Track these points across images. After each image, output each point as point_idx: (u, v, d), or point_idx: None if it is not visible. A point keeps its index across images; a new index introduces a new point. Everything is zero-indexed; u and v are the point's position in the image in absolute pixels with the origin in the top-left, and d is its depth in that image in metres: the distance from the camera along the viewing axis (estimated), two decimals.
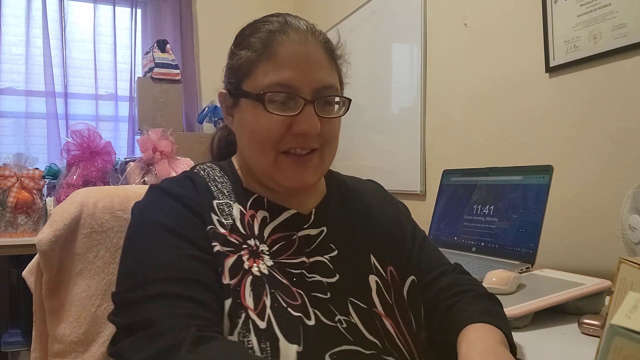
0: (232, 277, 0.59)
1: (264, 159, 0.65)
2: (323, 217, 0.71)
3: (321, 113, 0.65)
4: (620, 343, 0.30)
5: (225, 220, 0.64)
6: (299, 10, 3.09)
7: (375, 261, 0.70)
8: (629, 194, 0.96)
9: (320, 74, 0.65)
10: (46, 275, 0.77)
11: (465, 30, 1.66)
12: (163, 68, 2.61)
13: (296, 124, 0.63)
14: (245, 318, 0.56)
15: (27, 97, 2.69)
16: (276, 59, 0.64)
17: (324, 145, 0.67)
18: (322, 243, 0.68)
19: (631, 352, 0.29)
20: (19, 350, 2.07)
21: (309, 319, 0.60)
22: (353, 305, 0.64)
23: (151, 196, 0.65)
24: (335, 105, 0.68)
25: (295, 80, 0.63)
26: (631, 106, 1.13)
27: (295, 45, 0.64)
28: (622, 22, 1.12)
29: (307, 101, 0.63)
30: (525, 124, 1.42)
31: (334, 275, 0.66)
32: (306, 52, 0.64)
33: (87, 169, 2.11)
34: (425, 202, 1.86)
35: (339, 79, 0.71)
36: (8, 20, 2.66)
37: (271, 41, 0.64)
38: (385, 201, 0.81)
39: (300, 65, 0.63)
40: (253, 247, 0.63)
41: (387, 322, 0.65)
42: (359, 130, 2.35)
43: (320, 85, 0.65)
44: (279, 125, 0.63)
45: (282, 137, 0.64)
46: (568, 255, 1.24)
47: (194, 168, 0.73)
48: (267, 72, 0.64)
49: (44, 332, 0.78)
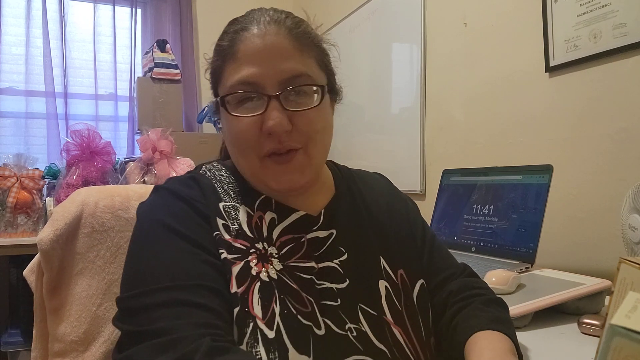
0: (239, 285, 0.56)
1: (250, 165, 0.63)
2: (332, 219, 0.68)
3: (290, 107, 0.60)
4: (620, 343, 0.30)
5: (232, 225, 0.61)
6: (298, 10, 3.09)
7: (386, 264, 0.67)
8: (629, 194, 0.96)
9: (285, 64, 0.59)
10: (47, 274, 0.77)
11: (465, 30, 1.66)
12: (163, 68, 2.61)
13: (264, 123, 0.59)
14: (253, 327, 0.54)
15: (27, 97, 2.69)
16: (237, 58, 0.60)
17: (307, 141, 0.62)
18: (332, 247, 0.65)
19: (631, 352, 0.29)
20: (18, 350, 2.07)
21: (319, 329, 0.57)
22: (363, 312, 0.62)
23: (157, 197, 0.62)
24: (314, 95, 0.62)
25: (257, 76, 0.59)
26: (631, 106, 1.13)
27: (254, 39, 0.60)
28: (622, 21, 1.12)
29: (270, 97, 0.59)
30: (525, 124, 1.42)
31: (344, 281, 0.63)
32: (266, 44, 0.59)
33: (86, 169, 2.11)
34: (425, 201, 1.86)
35: (321, 63, 0.65)
36: (8, 20, 2.66)
37: (234, 41, 0.61)
38: (394, 197, 0.78)
39: (261, 60, 0.59)
40: (261, 251, 0.60)
41: (396, 330, 0.63)
42: (359, 130, 2.35)
43: (286, 76, 0.59)
44: (250, 127, 0.60)
45: (257, 140, 0.60)
46: (568, 255, 1.25)
47: (199, 168, 0.70)
48: (230, 74, 0.61)
49: (45, 332, 0.78)
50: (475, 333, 0.60)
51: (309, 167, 0.63)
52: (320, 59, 0.65)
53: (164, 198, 0.62)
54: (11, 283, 2.30)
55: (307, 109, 0.61)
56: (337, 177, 0.75)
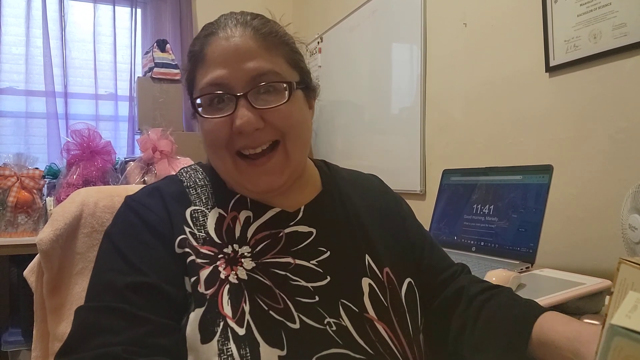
0: (208, 287, 0.58)
1: (224, 165, 0.64)
2: (314, 217, 0.68)
3: (259, 105, 0.61)
4: (621, 343, 0.30)
5: (198, 232, 0.62)
6: (298, 10, 3.09)
7: (372, 262, 0.68)
8: (629, 194, 0.96)
9: (251, 63, 0.61)
10: (47, 274, 0.77)
11: (465, 30, 1.66)
12: (163, 68, 2.61)
13: (233, 123, 0.61)
14: (223, 326, 0.56)
15: (27, 97, 2.69)
16: (205, 62, 0.62)
17: (284, 137, 0.63)
18: (311, 246, 0.66)
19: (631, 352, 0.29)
20: (19, 350, 2.07)
21: (292, 323, 0.59)
22: (344, 307, 0.62)
23: (120, 209, 0.65)
24: (285, 92, 0.63)
25: (224, 77, 0.61)
26: (631, 106, 1.13)
27: (220, 42, 0.62)
28: (622, 21, 1.12)
29: (237, 97, 0.60)
30: (525, 124, 1.42)
31: (325, 278, 0.64)
32: (231, 45, 0.61)
33: (87, 168, 2.12)
34: (425, 201, 1.86)
35: (290, 62, 0.66)
36: (8, 20, 2.66)
37: (202, 45, 0.63)
38: (387, 197, 0.79)
39: (227, 61, 0.61)
40: (230, 254, 0.62)
41: (380, 327, 0.63)
42: (359, 130, 2.35)
43: (252, 75, 0.61)
44: (221, 127, 0.61)
45: (229, 137, 0.62)
46: (568, 254, 1.25)
47: (179, 171, 0.72)
48: (200, 77, 0.63)
49: (45, 331, 0.78)
50: (539, 316, 0.59)
51: (288, 166, 0.64)
52: (290, 57, 0.66)
53: (122, 213, 0.64)
54: (11, 283, 2.30)
55: (277, 106, 0.62)
56: (325, 176, 0.75)
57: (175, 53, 2.78)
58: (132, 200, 0.65)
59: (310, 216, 0.68)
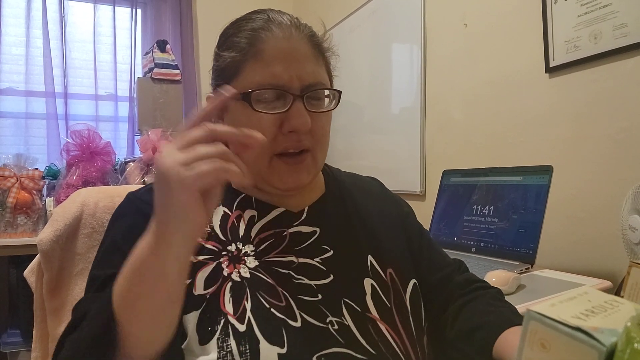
0: (208, 286, 0.58)
1: (258, 163, 0.63)
2: (318, 217, 0.69)
3: (310, 108, 0.63)
4: (535, 327, 0.34)
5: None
6: (298, 10, 3.09)
7: (375, 263, 0.68)
8: (629, 194, 0.96)
9: (308, 68, 0.63)
10: (47, 275, 0.77)
11: (465, 30, 1.66)
12: (163, 68, 2.61)
13: (287, 121, 0.61)
14: (224, 323, 0.56)
15: (27, 98, 2.68)
16: (261, 57, 0.62)
17: (315, 145, 0.65)
18: (315, 244, 0.66)
19: (544, 335, 0.34)
20: (18, 351, 2.07)
21: (294, 321, 0.59)
22: (347, 306, 0.63)
23: (122, 204, 0.67)
24: (325, 100, 0.66)
25: (283, 77, 0.61)
26: (631, 106, 1.13)
27: (279, 41, 0.62)
28: (622, 22, 1.12)
29: (295, 97, 0.61)
30: (525, 124, 1.42)
31: (328, 276, 0.64)
32: (291, 47, 0.62)
33: (86, 169, 2.12)
34: (425, 202, 1.86)
35: (328, 72, 0.69)
36: (8, 21, 2.66)
37: (255, 39, 0.63)
38: (387, 200, 0.79)
39: (287, 61, 0.62)
40: (234, 253, 0.62)
41: (383, 327, 0.63)
42: (359, 130, 2.35)
43: (309, 80, 0.63)
44: (270, 124, 0.61)
45: (274, 138, 0.62)
46: (568, 255, 1.25)
47: None
48: (253, 72, 0.62)
49: (45, 332, 0.78)
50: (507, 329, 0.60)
51: (314, 168, 0.67)
52: (328, 67, 0.69)
53: (123, 207, 0.67)
54: (11, 283, 2.30)
55: (326, 110, 0.65)
56: (328, 178, 0.77)
57: (176, 53, 2.78)
58: (133, 196, 0.67)
59: (314, 217, 0.69)
